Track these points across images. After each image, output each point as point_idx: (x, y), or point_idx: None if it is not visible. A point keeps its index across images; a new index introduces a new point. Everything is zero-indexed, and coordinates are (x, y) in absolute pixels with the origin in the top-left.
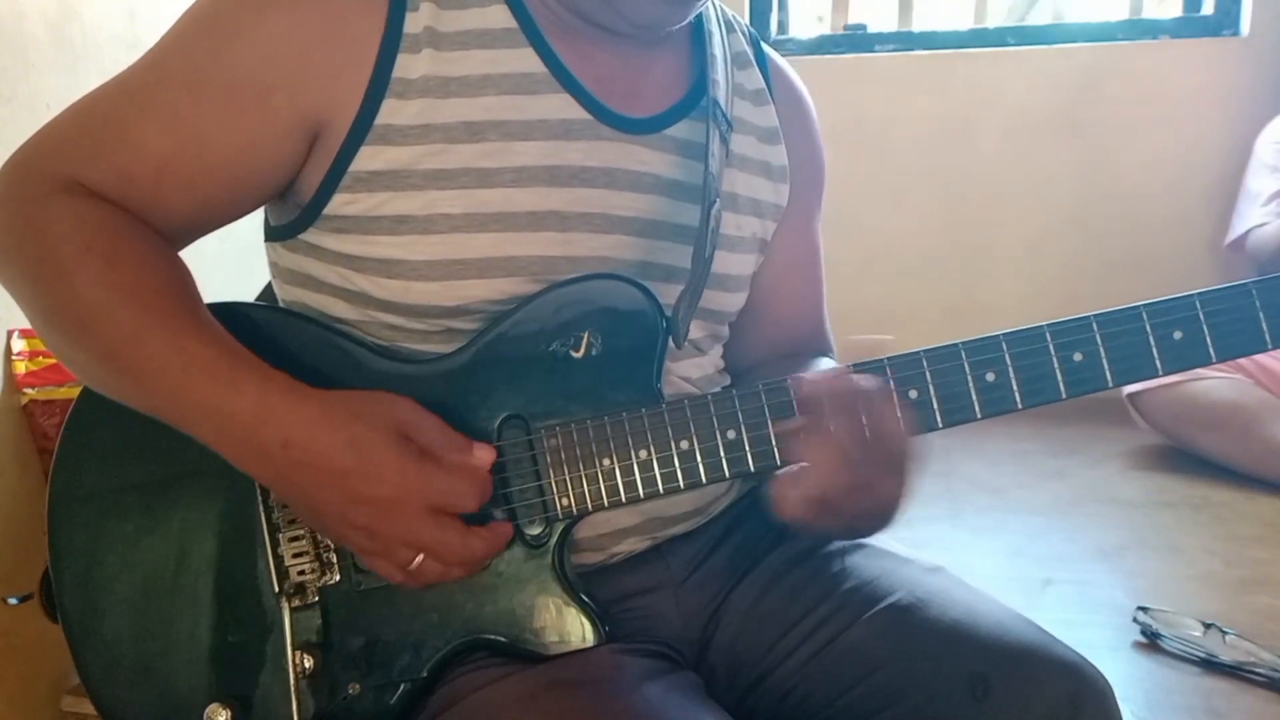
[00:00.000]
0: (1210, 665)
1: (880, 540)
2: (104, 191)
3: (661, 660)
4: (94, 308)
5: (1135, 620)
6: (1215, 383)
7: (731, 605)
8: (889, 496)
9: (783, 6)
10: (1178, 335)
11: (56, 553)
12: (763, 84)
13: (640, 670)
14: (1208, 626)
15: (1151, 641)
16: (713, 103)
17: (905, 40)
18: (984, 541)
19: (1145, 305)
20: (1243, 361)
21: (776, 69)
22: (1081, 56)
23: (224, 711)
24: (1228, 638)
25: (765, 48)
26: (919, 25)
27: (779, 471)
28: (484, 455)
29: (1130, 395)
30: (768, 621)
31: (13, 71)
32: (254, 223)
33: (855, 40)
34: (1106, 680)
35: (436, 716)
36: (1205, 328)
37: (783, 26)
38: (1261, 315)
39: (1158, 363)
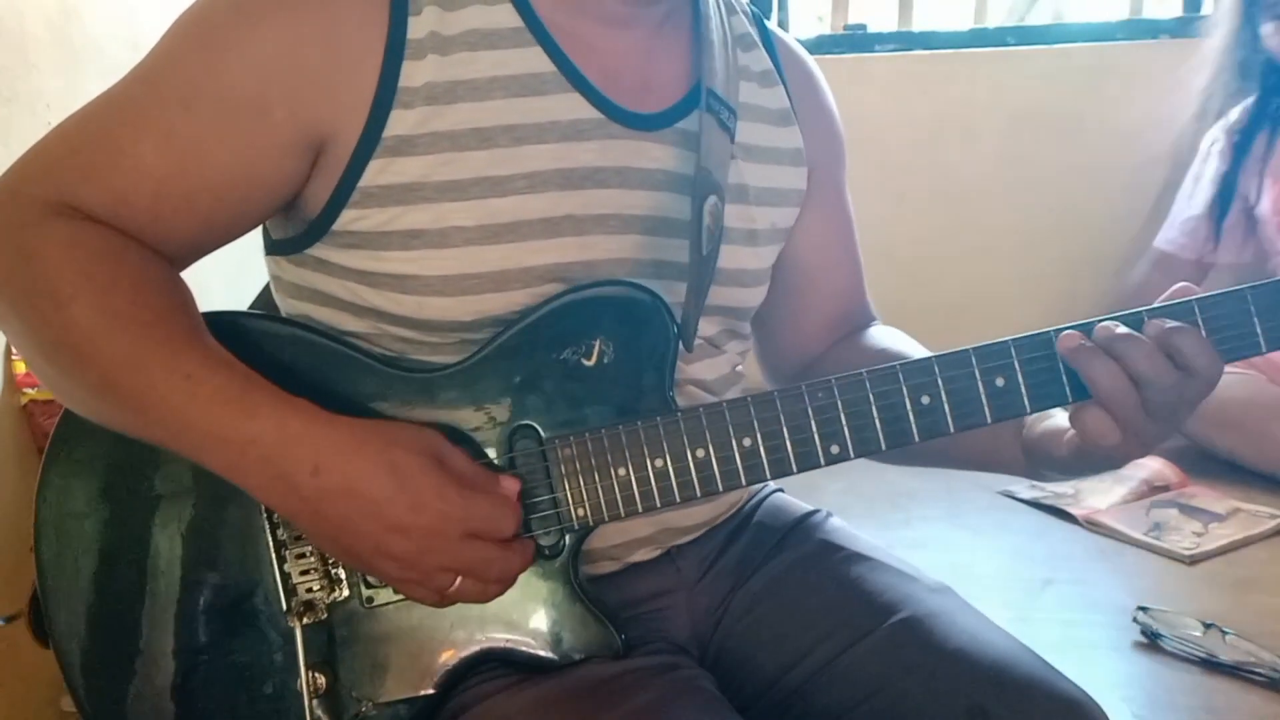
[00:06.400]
0: (1210, 665)
1: (883, 555)
2: (98, 214)
3: (674, 663)
4: (90, 335)
5: (1135, 620)
6: (1227, 379)
7: (732, 611)
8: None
9: (783, 6)
10: None
11: (45, 577)
12: (770, 65)
13: (654, 673)
14: (1208, 626)
15: (1151, 641)
16: (708, 92)
17: (905, 40)
18: (984, 541)
19: (1147, 310)
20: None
21: (784, 47)
22: (1081, 56)
23: None
24: (1228, 638)
25: (770, 26)
26: (919, 25)
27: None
28: (511, 485)
29: None
30: (767, 635)
31: (13, 71)
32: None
33: (855, 40)
34: (1106, 716)
35: None
36: (1204, 332)
37: (783, 26)
38: (1256, 320)
39: None
